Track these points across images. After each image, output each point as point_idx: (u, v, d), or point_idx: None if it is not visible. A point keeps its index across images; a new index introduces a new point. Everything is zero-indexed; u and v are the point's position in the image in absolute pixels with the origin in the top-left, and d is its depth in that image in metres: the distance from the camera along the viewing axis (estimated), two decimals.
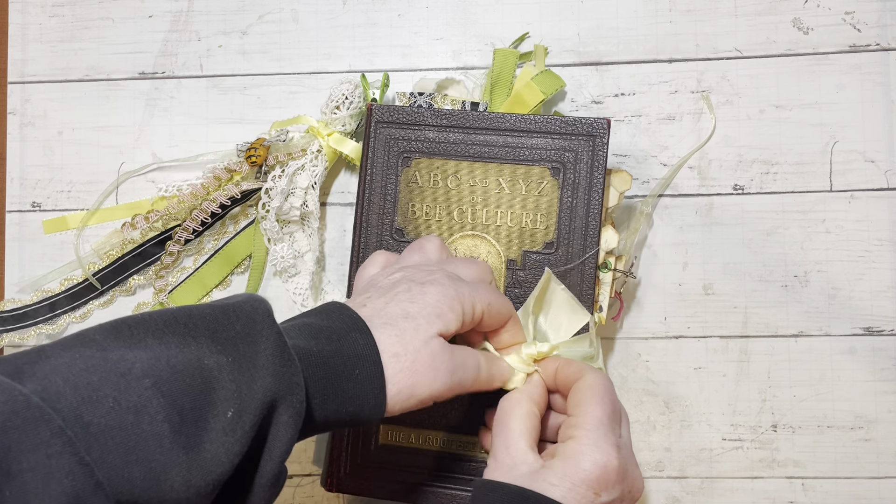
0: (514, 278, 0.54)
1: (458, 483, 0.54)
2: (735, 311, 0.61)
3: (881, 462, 0.60)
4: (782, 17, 0.63)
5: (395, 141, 0.56)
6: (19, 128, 0.66)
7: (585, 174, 0.54)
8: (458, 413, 0.55)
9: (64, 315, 0.64)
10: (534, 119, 0.55)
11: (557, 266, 0.53)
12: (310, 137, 0.62)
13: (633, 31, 0.63)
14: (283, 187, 0.60)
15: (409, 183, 0.56)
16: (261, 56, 0.66)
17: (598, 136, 0.54)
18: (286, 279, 0.63)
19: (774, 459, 0.60)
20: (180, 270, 0.64)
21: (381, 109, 0.57)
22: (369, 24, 0.65)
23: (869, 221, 0.61)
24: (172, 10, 0.66)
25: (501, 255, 0.54)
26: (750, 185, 0.62)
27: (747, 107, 0.62)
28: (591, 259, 0.53)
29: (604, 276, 0.55)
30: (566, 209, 0.54)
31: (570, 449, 0.44)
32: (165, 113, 0.66)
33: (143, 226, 0.63)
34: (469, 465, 0.54)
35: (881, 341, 0.60)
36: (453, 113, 0.56)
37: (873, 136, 0.61)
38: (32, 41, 0.67)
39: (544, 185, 0.54)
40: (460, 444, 0.55)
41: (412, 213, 0.55)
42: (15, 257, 0.65)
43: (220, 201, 0.62)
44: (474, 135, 0.56)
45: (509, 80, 0.60)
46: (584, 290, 0.53)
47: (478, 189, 0.55)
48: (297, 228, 0.63)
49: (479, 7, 0.65)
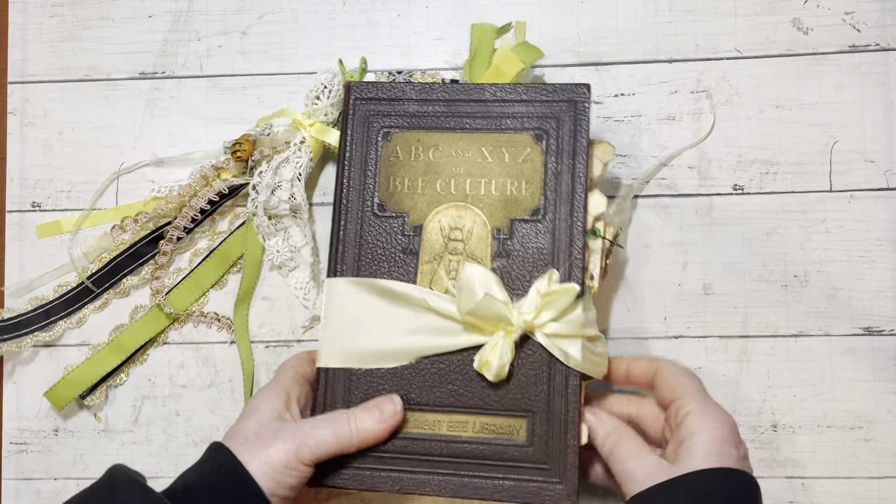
0: (502, 248, 0.53)
1: (450, 468, 0.51)
2: (735, 311, 0.61)
3: (881, 462, 0.60)
4: (782, 17, 0.63)
5: (375, 117, 0.56)
6: (19, 128, 0.66)
7: (569, 139, 0.54)
8: (446, 390, 0.52)
9: (60, 321, 0.64)
10: (513, 88, 0.55)
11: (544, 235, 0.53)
12: (293, 130, 0.62)
13: (633, 32, 0.63)
14: (268, 181, 0.60)
15: (390, 157, 0.55)
16: (261, 56, 0.66)
17: (580, 101, 0.54)
18: (286, 274, 0.63)
19: (774, 459, 0.60)
20: (176, 271, 0.64)
21: (360, 86, 0.56)
22: (369, 24, 0.65)
23: (869, 221, 0.61)
24: (172, 10, 0.66)
25: (487, 224, 0.53)
26: (750, 185, 0.62)
27: (747, 107, 0.62)
28: (578, 222, 0.52)
29: (593, 244, 0.54)
30: (551, 175, 0.53)
31: (694, 423, 0.47)
32: (165, 113, 0.66)
33: (132, 228, 0.63)
34: (461, 447, 0.51)
35: (881, 341, 0.60)
36: (433, 86, 0.56)
37: (873, 136, 0.61)
38: (32, 41, 0.67)
39: (528, 153, 0.54)
40: (451, 424, 0.51)
41: (394, 187, 0.55)
42: (15, 257, 0.65)
43: (209, 197, 0.62)
44: (454, 106, 0.55)
45: (488, 54, 0.60)
46: (573, 255, 0.52)
47: (460, 160, 0.55)
48: (291, 223, 0.63)
49: (479, 7, 0.65)
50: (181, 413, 0.64)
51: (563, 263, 0.52)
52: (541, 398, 0.50)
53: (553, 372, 0.51)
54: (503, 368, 0.50)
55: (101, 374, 0.62)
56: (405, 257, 0.53)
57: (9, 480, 0.64)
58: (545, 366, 0.51)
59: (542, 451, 0.50)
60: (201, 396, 0.64)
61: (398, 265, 0.53)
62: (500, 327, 0.50)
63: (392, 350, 0.52)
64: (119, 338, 0.63)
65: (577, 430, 0.50)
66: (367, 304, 0.53)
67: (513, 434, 0.51)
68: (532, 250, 0.52)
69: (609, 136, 0.63)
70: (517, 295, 0.52)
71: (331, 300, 0.53)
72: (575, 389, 0.50)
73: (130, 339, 0.63)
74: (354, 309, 0.53)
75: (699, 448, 0.46)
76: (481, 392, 0.51)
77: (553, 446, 0.50)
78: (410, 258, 0.53)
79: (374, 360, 0.52)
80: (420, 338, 0.51)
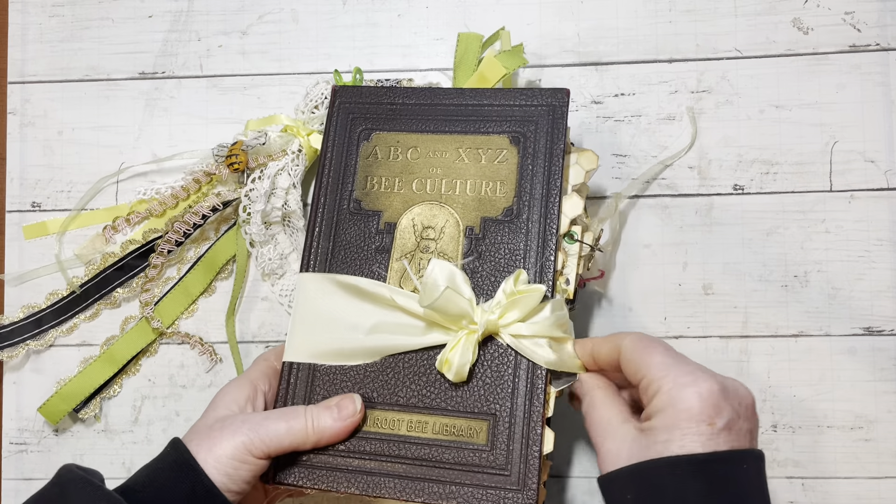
0: (473, 247, 0.52)
1: (407, 470, 0.49)
2: (735, 311, 0.61)
3: (881, 462, 0.60)
4: (782, 17, 0.63)
5: (357, 118, 0.56)
6: (19, 128, 0.66)
7: (546, 142, 0.53)
8: (409, 389, 0.50)
9: (51, 330, 0.64)
10: (493, 92, 0.55)
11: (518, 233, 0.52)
12: (288, 137, 0.62)
13: (633, 31, 0.63)
14: (265, 189, 0.60)
15: (369, 157, 0.55)
16: (261, 56, 0.66)
17: (559, 105, 0.54)
18: (274, 282, 0.63)
19: (774, 459, 0.60)
20: (165, 281, 0.64)
21: (345, 90, 0.57)
22: (369, 24, 0.65)
23: (869, 221, 0.61)
24: (172, 10, 0.66)
25: (460, 223, 0.53)
26: (750, 185, 0.62)
27: (747, 107, 0.62)
28: (552, 223, 0.52)
29: (570, 248, 0.53)
30: (526, 176, 0.53)
31: (659, 402, 0.43)
32: (165, 113, 0.66)
33: (124, 228, 0.63)
34: (419, 448, 0.49)
35: (881, 341, 0.60)
36: (414, 90, 0.56)
37: (873, 136, 0.61)
38: (32, 41, 0.67)
39: (504, 154, 0.54)
40: (411, 424, 0.50)
41: (371, 185, 0.55)
42: (15, 257, 0.65)
43: (202, 213, 0.61)
44: (435, 109, 0.56)
45: (473, 62, 0.60)
46: (545, 257, 0.51)
47: (437, 161, 0.55)
48: (280, 230, 0.63)
49: (479, 7, 0.65)
50: (181, 413, 0.64)
51: (534, 265, 0.51)
52: (503, 401, 0.49)
53: (518, 375, 0.49)
54: (464, 368, 0.48)
55: (94, 386, 0.62)
56: (377, 255, 0.53)
57: (9, 480, 0.64)
58: (510, 368, 0.49)
59: (503, 455, 0.48)
60: (201, 396, 0.64)
61: (370, 262, 0.53)
62: (463, 325, 0.49)
63: (358, 348, 0.51)
64: (110, 350, 0.63)
65: (541, 437, 0.48)
66: (335, 301, 0.52)
67: (473, 436, 0.49)
68: (504, 251, 0.52)
69: (609, 136, 0.63)
70: (488, 295, 0.51)
71: (300, 295, 0.53)
72: (540, 394, 0.49)
73: (122, 351, 0.63)
74: (323, 305, 0.52)
75: (662, 432, 0.42)
76: (443, 393, 0.50)
77: (514, 452, 0.48)
78: (382, 256, 0.53)
79: (340, 356, 0.51)
80: (386, 336, 0.51)
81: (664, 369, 0.44)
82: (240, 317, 0.64)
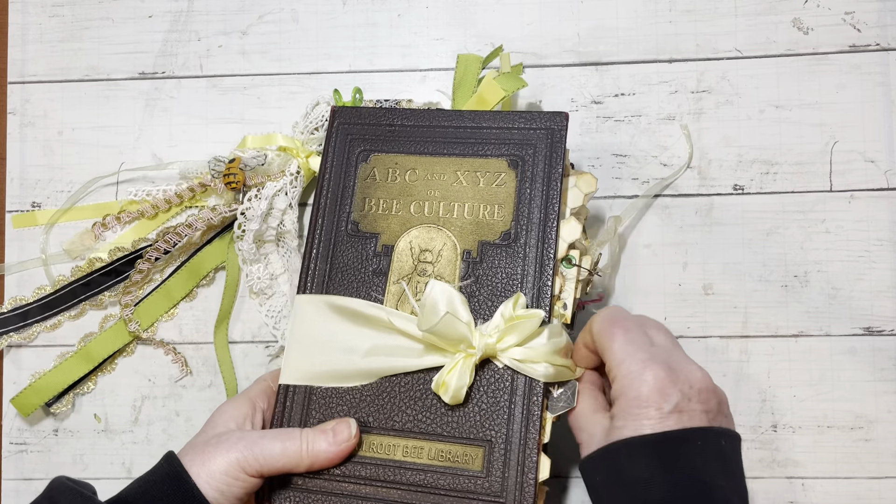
0: (470, 270, 0.52)
1: (402, 496, 0.49)
2: (735, 311, 0.61)
3: (881, 462, 0.60)
4: (782, 17, 0.63)
5: (356, 140, 0.56)
6: (19, 128, 0.66)
7: (543, 166, 0.53)
8: (405, 414, 0.50)
9: (35, 324, 0.64)
10: (492, 114, 0.55)
11: (515, 258, 0.52)
12: (286, 157, 0.62)
13: (633, 31, 0.63)
14: (262, 210, 0.60)
15: (367, 178, 0.55)
16: (261, 56, 0.66)
17: (557, 129, 0.54)
18: (263, 302, 0.63)
19: (774, 459, 0.60)
20: (149, 282, 0.64)
21: (343, 111, 0.57)
22: (369, 24, 0.65)
23: (869, 221, 0.61)
24: (172, 10, 0.66)
25: (457, 246, 0.53)
26: (750, 185, 0.62)
27: (747, 107, 0.62)
28: (549, 248, 0.52)
29: (567, 272, 0.53)
30: (524, 200, 0.53)
31: (616, 389, 0.46)
32: (165, 113, 0.66)
33: (114, 225, 0.63)
34: (415, 474, 0.49)
35: (881, 341, 0.60)
36: (413, 111, 0.56)
37: (873, 136, 0.61)
38: (32, 41, 0.67)
39: (502, 177, 0.54)
40: (407, 449, 0.50)
41: (368, 207, 0.55)
42: (15, 257, 0.65)
43: (197, 227, 0.61)
44: (433, 131, 0.55)
45: (472, 83, 0.60)
46: (542, 281, 0.51)
47: (436, 183, 0.55)
48: (272, 250, 0.63)
49: (479, 7, 0.65)
50: (181, 413, 0.64)
51: (531, 289, 0.51)
52: (499, 427, 0.48)
53: (514, 401, 0.49)
54: (460, 391, 0.48)
55: (68, 382, 0.62)
56: (374, 277, 0.53)
57: (9, 480, 0.64)
58: (506, 394, 0.49)
59: (498, 482, 0.48)
60: (201, 396, 0.64)
61: (367, 285, 0.53)
62: (461, 349, 0.49)
63: (354, 370, 0.51)
64: (87, 347, 0.63)
65: (536, 464, 0.48)
66: (332, 323, 0.52)
67: (468, 463, 0.48)
68: (501, 274, 0.52)
69: (609, 136, 0.63)
70: (484, 318, 0.51)
71: (297, 317, 0.53)
72: (536, 421, 0.48)
73: (98, 349, 0.63)
74: (319, 327, 0.52)
75: (620, 418, 0.45)
76: (440, 418, 0.49)
77: (509, 478, 0.48)
78: (379, 278, 0.53)
79: (336, 378, 0.51)
80: (382, 358, 0.50)
81: (621, 356, 0.46)
82: (241, 317, 0.64)
